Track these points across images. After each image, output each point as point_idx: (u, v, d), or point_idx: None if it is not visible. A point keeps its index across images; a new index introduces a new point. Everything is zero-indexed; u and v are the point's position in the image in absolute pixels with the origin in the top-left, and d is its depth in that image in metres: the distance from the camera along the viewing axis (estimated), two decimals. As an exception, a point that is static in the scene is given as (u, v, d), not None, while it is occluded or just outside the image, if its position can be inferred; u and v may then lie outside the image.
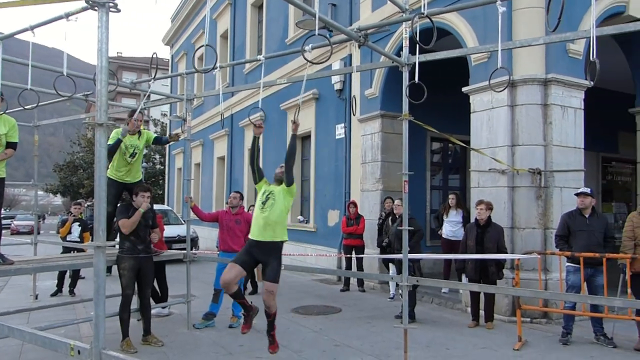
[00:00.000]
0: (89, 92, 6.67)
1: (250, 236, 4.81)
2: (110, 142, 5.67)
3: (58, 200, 68.46)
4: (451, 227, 8.75)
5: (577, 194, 6.15)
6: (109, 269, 11.65)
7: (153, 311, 7.26)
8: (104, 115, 2.66)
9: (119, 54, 51.93)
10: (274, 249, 4.73)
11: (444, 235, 8.87)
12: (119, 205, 5.96)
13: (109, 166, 5.92)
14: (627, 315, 5.78)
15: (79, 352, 2.65)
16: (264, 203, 4.78)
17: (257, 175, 4.99)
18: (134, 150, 5.92)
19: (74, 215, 9.50)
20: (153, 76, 5.22)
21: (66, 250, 8.99)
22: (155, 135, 6.32)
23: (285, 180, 4.82)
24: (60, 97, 5.73)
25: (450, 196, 9.03)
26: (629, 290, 5.61)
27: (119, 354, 2.60)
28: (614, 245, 6.16)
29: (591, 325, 6.05)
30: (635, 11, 7.69)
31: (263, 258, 4.71)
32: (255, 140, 4.98)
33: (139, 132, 6.05)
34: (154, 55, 5.10)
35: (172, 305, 7.35)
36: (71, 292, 9.27)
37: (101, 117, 2.65)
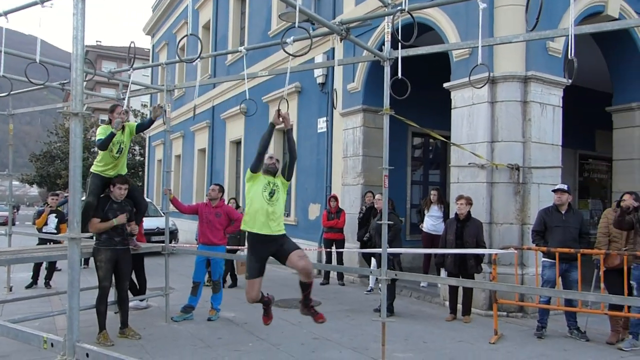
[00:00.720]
0: (65, 81, 6.54)
1: (253, 230, 4.63)
2: (101, 137, 5.56)
3: (34, 190, 67.26)
4: (432, 221, 8.84)
5: (554, 191, 6.24)
6: (86, 261, 11.50)
7: (131, 304, 7.18)
8: (80, 104, 2.60)
9: (99, 43, 50.88)
10: (279, 237, 4.67)
11: (425, 229, 8.95)
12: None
13: (95, 162, 5.84)
14: (599, 309, 5.90)
15: (52, 344, 2.61)
16: (271, 195, 4.66)
17: (261, 164, 4.80)
18: (120, 146, 5.82)
19: (50, 207, 9.34)
20: (131, 66, 5.12)
21: (42, 241, 8.84)
22: (136, 123, 6.21)
23: (287, 175, 4.84)
24: (34, 86, 5.60)
25: (432, 192, 9.11)
26: (602, 285, 5.73)
27: (93, 347, 2.57)
28: (589, 241, 6.29)
29: (565, 319, 6.16)
30: (613, 11, 7.81)
31: (273, 248, 4.62)
32: (272, 127, 4.90)
33: (122, 127, 5.93)
34: (132, 45, 5.01)
35: (150, 298, 7.29)
36: (47, 284, 9.13)
37: (76, 106, 2.60)
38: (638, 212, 5.66)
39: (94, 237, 5.69)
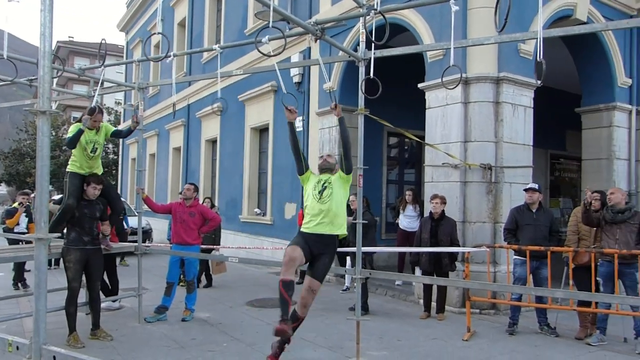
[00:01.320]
0: (34, 77, 6.38)
1: (303, 229, 4.48)
2: (70, 134, 5.50)
3: (3, 189, 65.54)
4: (408, 219, 8.94)
5: (525, 190, 6.36)
6: (56, 262, 11.27)
7: (103, 305, 7.07)
8: (47, 102, 2.55)
9: (71, 38, 49.76)
10: (331, 244, 4.48)
11: (400, 226, 9.03)
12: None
13: (70, 162, 5.74)
14: (569, 306, 6.04)
15: (17, 347, 2.55)
16: (321, 193, 4.44)
17: (303, 163, 4.63)
18: (94, 146, 5.73)
19: (24, 206, 9.13)
20: (102, 63, 5.04)
21: (14, 241, 8.63)
22: (114, 128, 6.11)
23: (344, 167, 4.51)
24: (1, 82, 5.46)
25: (407, 192, 9.21)
26: (571, 282, 5.86)
27: (60, 349, 2.52)
28: (559, 239, 6.43)
29: (536, 315, 6.29)
30: (582, 15, 7.99)
31: (316, 252, 4.41)
32: (292, 126, 4.71)
33: (98, 127, 5.83)
34: (103, 41, 4.93)
35: (123, 299, 7.19)
36: (15, 285, 8.92)
37: (44, 104, 2.54)
38: (604, 209, 5.81)
39: (64, 237, 5.58)
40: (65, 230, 5.68)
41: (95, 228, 5.64)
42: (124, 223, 10.10)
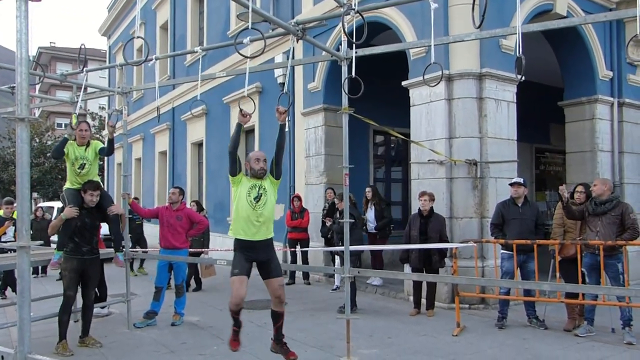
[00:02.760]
0: (15, 84, 6.30)
1: (240, 237, 4.39)
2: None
3: (-12, 198, 64.47)
4: (371, 221, 9.02)
5: (510, 184, 6.42)
6: (43, 270, 11.15)
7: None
8: (25, 109, 2.52)
9: (53, 44, 49.22)
10: (270, 245, 4.51)
11: (369, 229, 9.09)
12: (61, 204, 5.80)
13: (67, 179, 5.75)
14: (556, 298, 6.10)
15: (2, 357, 2.52)
16: (257, 199, 4.35)
17: (237, 165, 4.50)
18: (82, 163, 5.62)
19: (12, 220, 9.01)
20: (81, 68, 4.99)
21: (1, 251, 8.52)
22: (102, 145, 5.93)
23: (275, 173, 4.48)
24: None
25: (367, 189, 9.27)
26: (557, 275, 5.92)
27: (45, 358, 2.50)
28: (545, 232, 6.49)
29: (524, 308, 6.35)
30: (561, 9, 8.08)
31: (262, 257, 4.41)
32: (240, 128, 4.67)
33: (87, 143, 5.73)
34: (82, 46, 4.88)
35: (111, 305, 7.13)
36: (2, 294, 8.83)
37: (22, 111, 2.51)
38: (589, 201, 5.88)
39: (62, 244, 5.44)
40: (57, 237, 5.61)
41: (95, 237, 5.60)
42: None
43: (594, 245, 5.56)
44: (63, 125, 40.92)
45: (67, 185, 5.72)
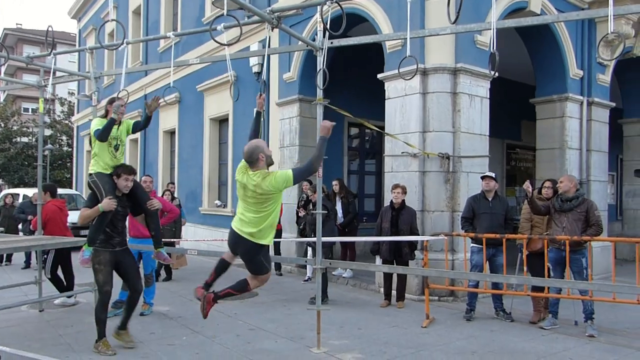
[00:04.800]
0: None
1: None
2: (98, 127, 4.94)
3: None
4: (338, 215, 9.05)
5: (482, 177, 6.50)
6: (8, 257, 10.88)
7: (58, 300, 6.88)
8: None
9: (19, 26, 47.55)
10: None
11: (337, 223, 9.10)
12: (89, 193, 5.21)
13: (92, 163, 5.13)
14: (523, 291, 6.23)
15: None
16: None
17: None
18: (116, 143, 5.17)
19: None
20: (50, 51, 4.82)
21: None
22: (134, 121, 5.49)
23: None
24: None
25: (334, 182, 9.28)
26: (524, 268, 6.04)
27: (5, 348, 2.41)
28: (514, 227, 6.60)
29: (492, 301, 6.46)
30: (535, 7, 8.18)
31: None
32: (260, 116, 4.53)
33: (120, 121, 5.19)
34: (50, 28, 4.72)
35: (78, 294, 6.98)
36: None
37: (-16, 92, 2.41)
38: (555, 198, 6.01)
39: (94, 239, 4.94)
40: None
41: (125, 227, 5.22)
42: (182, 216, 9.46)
43: (560, 240, 5.69)
44: (30, 110, 39.83)
45: (98, 169, 5.08)
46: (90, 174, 5.10)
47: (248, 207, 4.14)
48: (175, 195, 10.40)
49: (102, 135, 4.93)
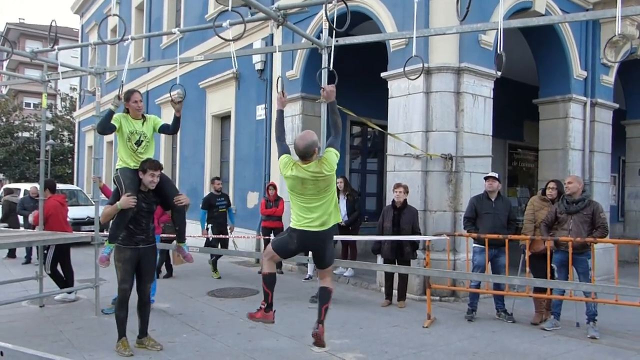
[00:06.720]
0: (-19, 61, 6.06)
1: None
2: (116, 122, 4.90)
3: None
4: (342, 213, 9.02)
5: (485, 178, 6.48)
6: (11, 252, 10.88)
7: (58, 296, 6.88)
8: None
9: (22, 20, 47.54)
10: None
11: (342, 221, 9.09)
12: (113, 190, 5.15)
13: (118, 161, 5.06)
14: (525, 292, 6.21)
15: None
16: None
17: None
18: (140, 138, 5.02)
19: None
20: (52, 46, 4.80)
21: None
22: (163, 122, 5.36)
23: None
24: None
25: (338, 180, 9.24)
26: (527, 269, 6.02)
27: (8, 344, 2.39)
28: (516, 228, 6.58)
29: (494, 302, 6.44)
30: (540, 7, 8.15)
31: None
32: (282, 114, 4.49)
33: (143, 117, 5.15)
34: (53, 23, 4.70)
35: (79, 290, 6.98)
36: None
37: (-12, 87, 2.39)
38: (560, 199, 5.98)
39: (115, 236, 4.82)
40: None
41: (152, 223, 5.00)
42: (229, 219, 9.56)
43: (564, 242, 5.66)
44: (32, 105, 39.83)
45: (121, 164, 5.00)
46: (116, 170, 5.03)
47: (310, 200, 4.21)
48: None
49: (99, 126, 4.91)
